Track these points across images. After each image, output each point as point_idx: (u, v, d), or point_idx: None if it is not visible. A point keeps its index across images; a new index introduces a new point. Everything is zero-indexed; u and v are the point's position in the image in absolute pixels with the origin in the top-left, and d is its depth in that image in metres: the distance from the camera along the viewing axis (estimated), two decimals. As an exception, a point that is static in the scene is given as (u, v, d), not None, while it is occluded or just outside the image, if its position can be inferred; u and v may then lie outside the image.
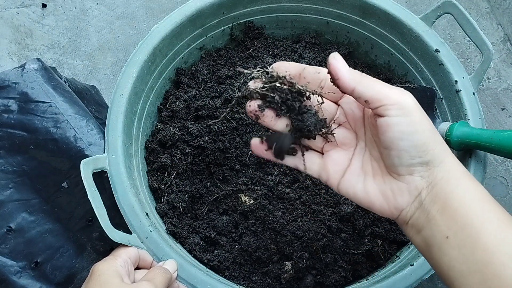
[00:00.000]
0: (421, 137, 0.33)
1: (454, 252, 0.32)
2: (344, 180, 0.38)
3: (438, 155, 0.34)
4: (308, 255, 0.52)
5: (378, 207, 0.37)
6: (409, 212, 0.35)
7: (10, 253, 0.50)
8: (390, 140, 0.34)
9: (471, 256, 0.31)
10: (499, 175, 0.71)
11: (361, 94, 0.34)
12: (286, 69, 0.37)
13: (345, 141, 0.39)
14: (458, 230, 0.32)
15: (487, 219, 0.32)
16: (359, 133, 0.39)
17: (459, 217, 0.32)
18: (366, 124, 0.38)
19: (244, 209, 0.55)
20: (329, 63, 0.34)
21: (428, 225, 0.34)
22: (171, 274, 0.45)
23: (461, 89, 0.57)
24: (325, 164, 0.39)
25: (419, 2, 0.83)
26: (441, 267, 0.33)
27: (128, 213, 0.48)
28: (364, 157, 0.38)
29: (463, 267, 0.31)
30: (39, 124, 0.51)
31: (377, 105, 0.33)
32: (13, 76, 0.53)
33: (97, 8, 0.81)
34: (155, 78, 0.59)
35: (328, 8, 0.64)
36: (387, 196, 0.36)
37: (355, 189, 0.37)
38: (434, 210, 0.33)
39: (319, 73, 0.38)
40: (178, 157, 0.57)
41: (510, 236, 0.31)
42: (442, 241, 0.33)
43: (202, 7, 0.60)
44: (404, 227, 0.36)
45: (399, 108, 0.33)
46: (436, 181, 0.34)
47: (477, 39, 0.56)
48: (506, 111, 0.75)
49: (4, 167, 0.51)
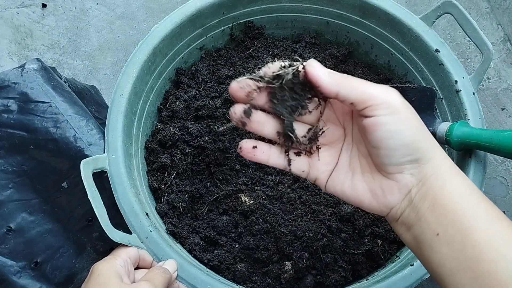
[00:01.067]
0: (410, 135, 0.33)
1: (444, 249, 0.32)
2: (332, 178, 0.37)
3: (428, 152, 0.33)
4: (308, 255, 0.51)
5: (367, 205, 0.36)
6: (399, 209, 0.35)
7: (10, 253, 0.50)
8: (378, 140, 0.33)
9: (461, 252, 0.31)
10: (499, 175, 0.71)
11: (345, 97, 0.33)
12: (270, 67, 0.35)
13: (333, 139, 0.38)
14: (448, 227, 0.32)
15: (477, 215, 0.32)
16: (347, 128, 0.38)
17: (449, 213, 0.32)
18: (354, 119, 0.37)
19: (244, 209, 0.55)
20: (307, 72, 0.33)
21: (418, 223, 0.33)
22: (171, 274, 0.45)
23: (461, 89, 0.57)
24: (313, 164, 0.38)
25: (419, 2, 0.83)
26: (432, 265, 0.33)
27: (128, 213, 0.48)
28: (351, 153, 0.37)
29: (453, 264, 0.31)
30: (39, 124, 0.51)
31: (363, 106, 0.33)
32: (13, 76, 0.53)
33: (97, 8, 0.81)
34: (155, 78, 0.59)
35: (328, 8, 0.64)
36: (376, 194, 0.35)
37: (343, 186, 0.37)
38: (424, 207, 0.33)
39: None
40: (178, 157, 0.57)
41: (500, 232, 0.31)
42: (432, 238, 0.32)
43: (202, 7, 0.60)
44: (394, 224, 0.36)
45: (386, 107, 0.32)
46: (426, 178, 0.33)
47: (477, 39, 0.56)
48: (506, 111, 0.75)
49: (4, 167, 0.51)
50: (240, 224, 0.55)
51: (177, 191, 0.56)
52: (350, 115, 0.37)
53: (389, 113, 0.32)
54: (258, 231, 0.53)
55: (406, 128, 0.33)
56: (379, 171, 0.35)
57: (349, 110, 0.37)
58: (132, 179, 0.51)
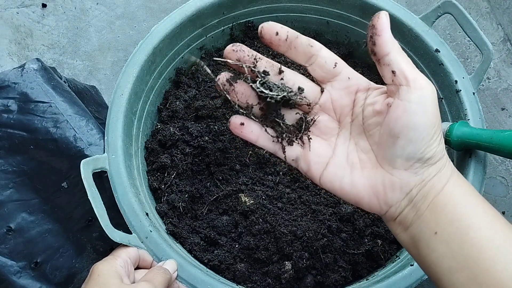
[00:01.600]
0: (432, 132, 0.32)
1: (443, 247, 0.31)
2: (328, 172, 0.36)
3: (438, 153, 0.33)
4: (308, 255, 0.51)
5: (366, 202, 0.35)
6: (398, 208, 0.34)
7: (10, 253, 0.50)
8: (401, 128, 0.32)
9: (459, 251, 0.31)
10: (499, 175, 0.71)
11: (393, 62, 0.32)
12: (277, 31, 0.35)
13: (326, 131, 0.37)
14: (446, 225, 0.31)
15: (476, 214, 0.32)
16: (343, 121, 0.37)
17: (448, 212, 0.32)
18: (354, 112, 0.36)
19: (244, 209, 0.55)
20: (378, 17, 0.32)
21: (417, 222, 0.33)
22: (171, 274, 0.45)
23: (461, 89, 0.57)
24: (305, 154, 0.37)
25: (419, 2, 0.83)
26: (428, 264, 0.32)
27: (128, 213, 0.48)
28: (349, 148, 0.36)
29: (451, 263, 0.31)
30: (38, 124, 0.51)
31: (401, 82, 0.31)
32: (12, 76, 0.53)
33: (97, 8, 0.81)
34: (155, 78, 0.59)
35: (328, 8, 0.64)
36: (377, 191, 0.34)
37: (342, 182, 0.35)
38: (423, 206, 0.33)
39: (311, 46, 0.35)
40: (178, 157, 0.57)
41: (499, 232, 0.31)
42: (430, 237, 0.32)
43: (202, 7, 0.60)
44: (391, 223, 0.35)
45: (420, 95, 0.31)
46: (429, 179, 0.33)
47: (477, 39, 0.56)
48: (506, 111, 0.75)
49: (4, 167, 0.51)
50: (240, 224, 0.55)
51: (177, 191, 0.56)
52: (349, 108, 0.36)
53: (421, 102, 0.31)
54: (258, 231, 0.53)
55: (431, 125, 0.32)
56: (383, 167, 0.34)
57: (348, 102, 0.36)
58: (132, 179, 0.51)
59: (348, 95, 0.36)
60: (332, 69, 0.36)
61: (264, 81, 0.35)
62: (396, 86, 0.32)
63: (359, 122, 0.36)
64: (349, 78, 0.36)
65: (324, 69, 0.36)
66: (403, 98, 0.32)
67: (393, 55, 0.32)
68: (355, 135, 0.36)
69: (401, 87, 0.32)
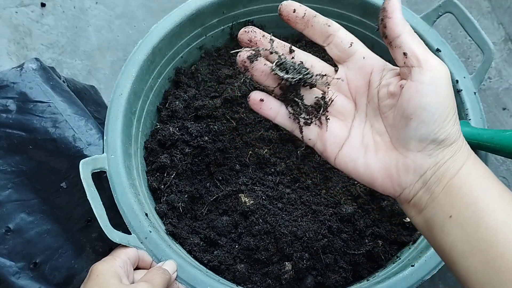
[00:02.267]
0: (445, 113, 0.31)
1: (457, 231, 0.31)
2: (343, 153, 0.36)
3: (453, 135, 0.32)
4: (309, 255, 0.51)
5: (380, 184, 0.35)
6: (412, 190, 0.34)
7: (8, 253, 0.49)
8: (413, 109, 0.32)
9: (474, 234, 0.30)
10: (500, 175, 0.71)
11: (404, 44, 0.32)
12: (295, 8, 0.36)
13: (343, 111, 0.37)
14: (461, 209, 0.31)
15: (492, 197, 0.31)
16: (359, 103, 0.37)
17: (463, 195, 0.31)
18: (370, 93, 0.36)
19: (244, 209, 0.54)
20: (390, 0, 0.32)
21: (431, 205, 0.33)
22: (170, 274, 0.44)
23: (462, 89, 0.56)
24: (322, 134, 0.37)
25: (420, 1, 0.82)
26: (443, 247, 0.32)
27: (128, 214, 0.48)
28: (364, 129, 0.36)
29: (465, 247, 0.30)
30: (37, 124, 0.51)
31: (413, 63, 0.31)
32: (11, 76, 0.52)
33: (96, 7, 0.80)
34: (154, 78, 0.59)
35: (328, 7, 0.64)
36: (390, 173, 0.34)
37: (356, 164, 0.35)
38: (438, 189, 0.32)
39: (329, 26, 0.36)
40: (177, 157, 0.56)
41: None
42: (445, 220, 0.32)
43: (202, 6, 0.59)
44: (405, 206, 0.35)
45: (433, 76, 0.31)
46: (444, 161, 0.32)
47: (478, 39, 0.56)
48: (507, 111, 0.75)
49: (3, 167, 0.51)
50: (240, 225, 0.54)
51: (176, 191, 0.56)
52: (364, 89, 0.36)
53: (433, 83, 0.31)
54: (258, 232, 0.53)
55: (444, 106, 0.31)
56: (397, 149, 0.34)
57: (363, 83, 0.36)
58: (131, 179, 0.51)
59: (363, 75, 0.36)
60: (347, 48, 0.37)
61: (282, 62, 0.36)
62: (408, 68, 0.32)
63: (375, 103, 0.36)
64: (364, 58, 0.37)
65: (340, 48, 0.37)
66: (415, 79, 0.31)
67: (404, 37, 0.32)
68: (370, 116, 0.36)
69: (413, 69, 0.32)
